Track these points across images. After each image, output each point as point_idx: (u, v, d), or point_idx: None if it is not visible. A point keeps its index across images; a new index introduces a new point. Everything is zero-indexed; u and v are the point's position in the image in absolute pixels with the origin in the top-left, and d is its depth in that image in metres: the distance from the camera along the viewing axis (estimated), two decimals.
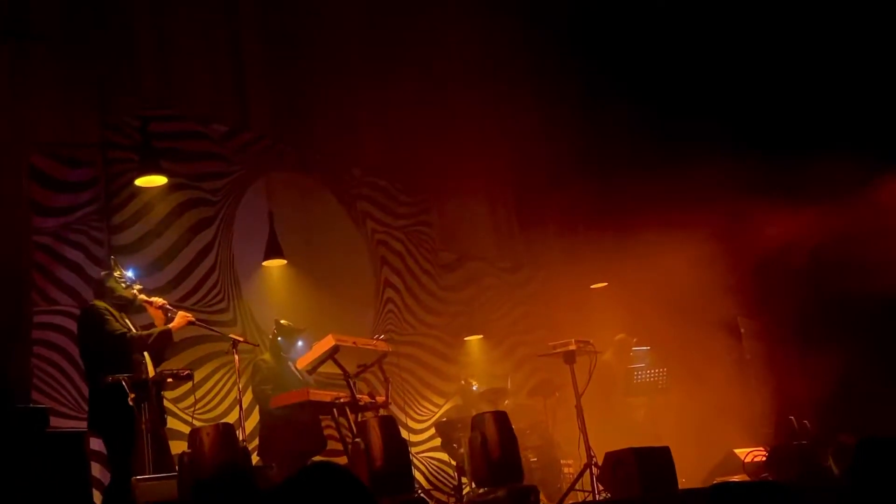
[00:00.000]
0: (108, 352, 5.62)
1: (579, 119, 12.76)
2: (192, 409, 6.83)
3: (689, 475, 7.70)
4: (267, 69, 9.25)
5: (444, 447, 8.87)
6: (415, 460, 8.49)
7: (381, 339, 7.54)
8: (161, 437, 5.69)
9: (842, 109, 10.28)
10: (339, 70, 10.20)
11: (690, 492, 6.24)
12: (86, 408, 6.54)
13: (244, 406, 6.15)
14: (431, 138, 10.88)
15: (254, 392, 7.29)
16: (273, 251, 8.27)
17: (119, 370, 5.39)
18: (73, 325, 6.64)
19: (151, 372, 5.71)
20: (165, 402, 6.12)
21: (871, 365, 10.15)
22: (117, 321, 5.76)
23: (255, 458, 6.68)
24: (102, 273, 6.05)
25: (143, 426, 5.22)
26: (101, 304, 5.85)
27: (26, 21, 7.46)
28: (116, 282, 5.92)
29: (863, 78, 10.56)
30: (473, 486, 6.14)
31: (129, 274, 6.01)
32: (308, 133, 9.59)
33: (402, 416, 8.98)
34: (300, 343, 7.48)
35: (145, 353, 5.79)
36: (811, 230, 9.59)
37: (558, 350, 7.49)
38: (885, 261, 8.92)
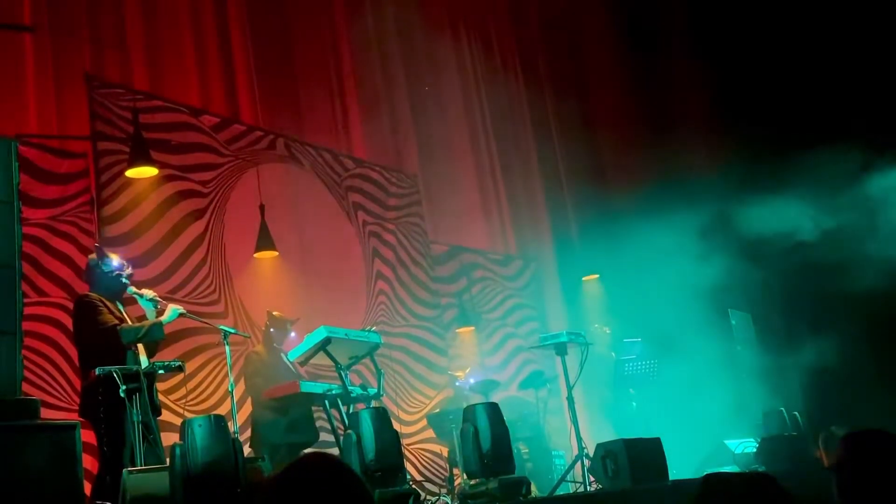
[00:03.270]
0: (100, 343, 5.60)
1: (569, 104, 12.79)
2: (183, 401, 6.83)
3: (679, 466, 7.72)
4: (256, 60, 9.22)
5: (439, 438, 8.90)
6: (407, 452, 8.49)
7: (373, 331, 7.53)
8: (153, 428, 5.67)
9: (833, 103, 10.30)
10: (328, 60, 10.19)
11: (681, 482, 6.25)
12: (77, 399, 6.52)
13: (236, 398, 6.14)
14: (422, 125, 10.89)
15: (245, 384, 7.29)
16: (264, 243, 8.25)
17: (111, 362, 5.37)
18: (63, 317, 6.63)
19: (145, 363, 5.69)
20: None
21: (860, 357, 10.20)
22: (110, 312, 5.73)
23: (246, 450, 6.67)
24: (90, 261, 5.99)
25: (134, 418, 5.20)
26: (94, 294, 5.82)
27: (15, 12, 7.43)
28: (103, 271, 5.86)
29: (853, 73, 10.58)
30: (465, 477, 6.15)
31: (115, 263, 5.93)
32: (299, 124, 9.58)
33: (393, 408, 8.99)
34: (292, 335, 7.48)
35: (139, 344, 5.77)
36: (802, 223, 9.62)
37: (549, 342, 7.52)
38: (875, 255, 8.96)
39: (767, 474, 2.68)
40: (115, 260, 5.91)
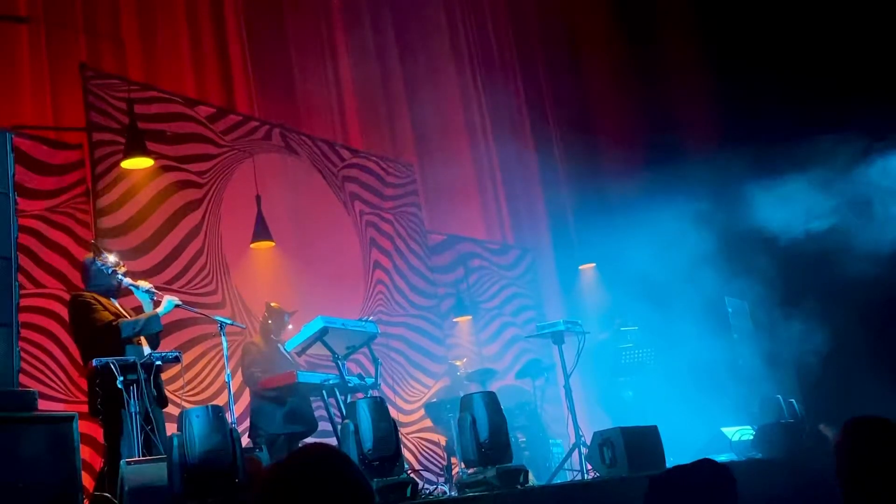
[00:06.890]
0: (98, 340, 5.61)
1: (565, 92, 12.78)
2: (181, 392, 6.83)
3: (677, 454, 7.74)
4: (252, 50, 9.20)
5: (437, 427, 8.91)
6: (405, 441, 8.51)
7: (370, 321, 7.53)
8: (156, 420, 5.66)
9: (832, 91, 10.28)
10: (324, 50, 10.16)
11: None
12: (74, 391, 6.53)
13: (233, 388, 6.14)
14: (419, 114, 10.88)
15: (243, 375, 7.29)
16: (261, 233, 8.25)
17: (111, 356, 5.38)
18: (60, 309, 6.62)
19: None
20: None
21: (856, 344, 10.21)
22: (105, 309, 5.73)
23: (244, 440, 6.68)
24: (86, 259, 5.99)
25: (132, 408, 5.21)
26: (87, 292, 5.82)
27: (10, 3, 7.40)
28: (99, 268, 5.86)
29: (854, 56, 10.56)
30: (463, 466, 6.16)
31: (112, 259, 5.93)
32: (295, 115, 9.56)
33: (392, 397, 9.00)
34: (290, 327, 7.48)
35: (141, 337, 5.78)
36: (799, 211, 9.61)
37: (547, 331, 7.52)
38: (871, 243, 8.96)
39: (709, 460, 2.70)
40: (111, 257, 5.89)
